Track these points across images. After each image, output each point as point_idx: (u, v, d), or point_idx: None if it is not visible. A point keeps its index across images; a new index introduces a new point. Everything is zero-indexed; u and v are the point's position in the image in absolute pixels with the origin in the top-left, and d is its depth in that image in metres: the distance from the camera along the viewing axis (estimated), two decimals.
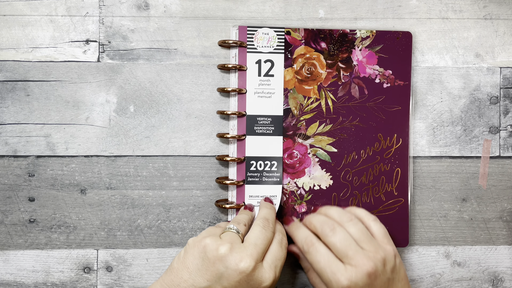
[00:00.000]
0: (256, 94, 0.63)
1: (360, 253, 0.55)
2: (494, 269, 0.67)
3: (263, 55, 0.63)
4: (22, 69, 0.63)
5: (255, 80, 0.63)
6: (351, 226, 0.58)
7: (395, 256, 0.58)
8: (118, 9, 0.64)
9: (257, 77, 0.63)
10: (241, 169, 0.64)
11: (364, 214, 0.61)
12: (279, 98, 0.64)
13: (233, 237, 0.56)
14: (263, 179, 0.64)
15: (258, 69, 0.63)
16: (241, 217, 0.60)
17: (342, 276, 0.55)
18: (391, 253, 0.57)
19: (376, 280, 0.55)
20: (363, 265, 0.55)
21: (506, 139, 0.66)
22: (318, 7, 0.65)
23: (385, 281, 0.56)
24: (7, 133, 0.63)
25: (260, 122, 0.63)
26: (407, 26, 0.66)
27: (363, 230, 0.58)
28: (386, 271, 0.56)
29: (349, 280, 0.54)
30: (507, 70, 0.66)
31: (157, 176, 0.64)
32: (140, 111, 0.64)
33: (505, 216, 0.67)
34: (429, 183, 0.66)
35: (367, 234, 0.58)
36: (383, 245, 0.58)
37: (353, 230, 0.58)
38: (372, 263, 0.55)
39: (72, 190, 0.64)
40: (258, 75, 0.63)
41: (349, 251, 0.55)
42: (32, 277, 0.64)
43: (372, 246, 0.57)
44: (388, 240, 0.59)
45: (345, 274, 0.55)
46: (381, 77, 0.64)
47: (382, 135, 0.65)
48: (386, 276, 0.56)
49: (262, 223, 0.58)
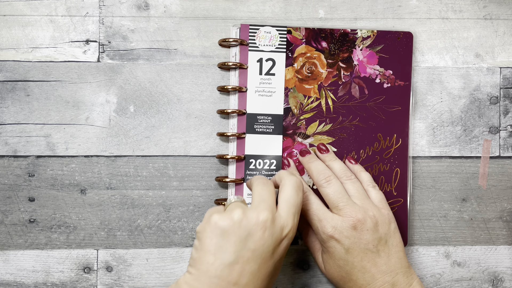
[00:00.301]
0: (257, 92, 0.63)
1: (351, 205, 0.56)
2: (494, 269, 0.67)
3: (265, 54, 0.63)
4: (22, 69, 0.63)
5: (256, 79, 0.63)
6: (349, 184, 0.59)
7: (390, 222, 0.58)
8: (118, 9, 0.64)
9: (258, 75, 0.63)
10: (240, 167, 0.64)
11: (367, 179, 0.61)
12: (279, 97, 0.64)
13: (239, 204, 0.53)
14: None
15: (259, 67, 0.63)
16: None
17: (328, 223, 0.55)
18: (385, 216, 0.57)
19: (363, 234, 0.55)
20: (350, 216, 0.55)
21: (506, 139, 0.66)
22: (318, 7, 0.65)
23: (375, 239, 0.56)
24: (7, 133, 0.63)
25: (260, 121, 0.63)
26: (407, 26, 0.66)
27: (360, 189, 0.59)
28: (378, 230, 0.56)
29: (333, 228, 0.55)
30: (507, 70, 0.66)
31: (157, 176, 0.64)
32: (140, 111, 0.64)
33: (505, 216, 0.67)
34: (429, 183, 0.66)
35: (364, 194, 0.58)
36: (379, 208, 0.58)
37: (350, 187, 0.58)
38: (360, 216, 0.55)
39: (72, 190, 0.64)
40: (259, 73, 0.63)
41: (340, 203, 0.56)
42: (32, 277, 0.64)
43: (365, 204, 0.57)
44: (384, 205, 0.59)
45: (331, 222, 0.55)
46: (381, 77, 0.64)
47: (381, 135, 0.65)
48: (377, 235, 0.56)
49: (261, 182, 0.55)
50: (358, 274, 0.56)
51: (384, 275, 0.56)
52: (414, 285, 0.57)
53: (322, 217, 0.56)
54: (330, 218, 0.56)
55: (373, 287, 0.56)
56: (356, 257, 0.56)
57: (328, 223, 0.56)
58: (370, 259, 0.56)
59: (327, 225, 0.56)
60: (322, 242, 0.57)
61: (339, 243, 0.56)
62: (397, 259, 0.57)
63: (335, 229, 0.55)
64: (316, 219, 0.56)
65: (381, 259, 0.56)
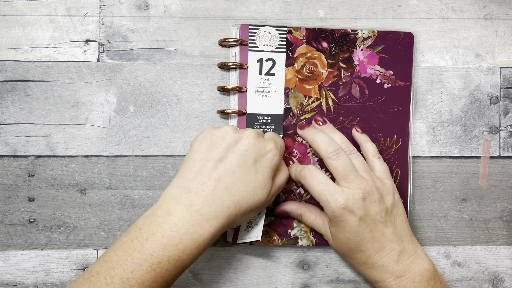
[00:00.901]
0: (257, 92, 0.63)
1: (359, 178, 0.58)
2: (494, 269, 0.67)
3: (265, 54, 0.63)
4: (22, 69, 0.63)
5: (256, 79, 0.63)
6: (353, 157, 0.60)
7: (394, 192, 0.60)
8: (118, 9, 0.64)
9: (258, 75, 0.63)
10: None
11: (372, 150, 0.62)
12: (280, 97, 0.64)
13: (231, 126, 0.58)
14: None
15: (260, 67, 0.63)
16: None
17: (340, 196, 0.57)
18: (389, 187, 0.60)
19: (372, 205, 0.57)
20: (360, 188, 0.57)
21: (506, 139, 0.66)
22: (318, 7, 0.65)
23: (382, 210, 0.58)
24: (7, 133, 0.63)
25: (260, 121, 0.63)
26: (407, 26, 0.66)
27: (363, 162, 0.60)
28: (384, 201, 0.58)
29: (346, 199, 0.57)
30: (507, 70, 0.66)
31: (157, 176, 0.64)
32: (140, 111, 0.64)
33: (505, 216, 0.67)
34: (429, 183, 0.66)
35: (367, 167, 0.60)
36: (383, 179, 0.60)
37: (355, 161, 0.60)
38: (368, 188, 0.57)
39: (72, 190, 0.64)
40: (259, 73, 0.63)
41: (350, 175, 0.58)
42: (32, 277, 0.64)
43: (370, 176, 0.59)
44: (388, 176, 0.61)
45: (343, 194, 0.57)
46: (382, 78, 0.64)
47: (382, 136, 0.65)
48: (383, 206, 0.58)
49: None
50: (368, 244, 0.58)
51: (392, 243, 0.58)
52: (419, 252, 0.59)
53: (332, 190, 0.58)
54: (341, 191, 0.57)
55: (381, 255, 0.58)
56: (367, 228, 0.57)
57: (340, 195, 0.57)
58: (379, 229, 0.58)
59: (339, 198, 0.57)
60: (333, 216, 0.58)
61: (352, 214, 0.57)
62: (402, 228, 0.59)
63: (348, 200, 0.57)
64: (326, 193, 0.58)
65: (388, 228, 0.58)
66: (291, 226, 0.64)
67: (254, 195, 0.55)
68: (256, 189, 0.55)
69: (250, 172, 0.55)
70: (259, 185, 0.55)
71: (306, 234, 0.64)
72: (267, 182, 0.56)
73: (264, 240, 0.64)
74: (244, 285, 0.65)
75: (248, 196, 0.55)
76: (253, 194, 0.55)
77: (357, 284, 0.66)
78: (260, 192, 0.55)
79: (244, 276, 0.65)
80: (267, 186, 0.56)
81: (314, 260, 0.65)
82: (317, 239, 0.64)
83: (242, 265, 0.65)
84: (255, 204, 0.55)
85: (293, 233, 0.64)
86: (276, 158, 0.57)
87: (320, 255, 0.66)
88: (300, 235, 0.64)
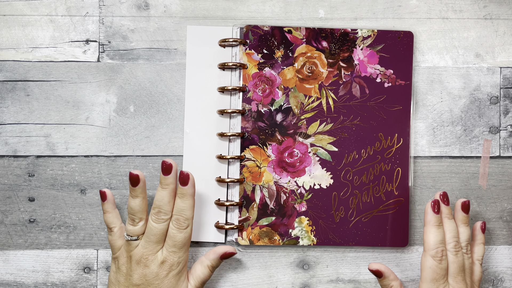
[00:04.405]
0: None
1: (460, 282, 0.60)
2: (494, 269, 0.67)
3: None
4: (22, 69, 0.63)
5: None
6: (452, 256, 0.60)
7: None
8: (118, 9, 0.64)
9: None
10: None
11: (481, 254, 0.63)
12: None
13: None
14: None
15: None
16: (135, 212, 0.59)
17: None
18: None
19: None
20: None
21: (506, 139, 0.67)
22: (318, 7, 0.65)
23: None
24: (7, 133, 0.63)
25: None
26: (407, 26, 0.66)
27: (461, 266, 0.61)
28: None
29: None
30: (507, 70, 0.66)
31: (157, 176, 0.64)
32: (140, 111, 0.64)
33: (505, 216, 0.67)
34: (429, 183, 0.66)
35: (461, 273, 0.60)
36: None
37: (452, 261, 0.60)
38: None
39: (72, 190, 0.64)
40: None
41: (458, 276, 0.60)
42: (32, 277, 0.64)
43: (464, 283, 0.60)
44: (478, 285, 0.62)
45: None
46: (382, 77, 0.64)
47: (383, 135, 0.65)
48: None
49: (155, 215, 0.58)
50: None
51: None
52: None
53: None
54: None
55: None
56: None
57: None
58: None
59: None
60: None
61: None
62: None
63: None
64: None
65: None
66: (292, 226, 0.64)
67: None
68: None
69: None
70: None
71: (307, 234, 0.64)
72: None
73: (265, 240, 0.64)
74: (244, 285, 0.65)
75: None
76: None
77: (357, 284, 0.66)
78: None
79: (244, 276, 0.65)
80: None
81: (314, 260, 0.65)
82: (318, 238, 0.64)
83: (242, 265, 0.65)
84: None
85: (294, 233, 0.64)
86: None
87: (320, 255, 0.65)
88: (301, 235, 0.64)
